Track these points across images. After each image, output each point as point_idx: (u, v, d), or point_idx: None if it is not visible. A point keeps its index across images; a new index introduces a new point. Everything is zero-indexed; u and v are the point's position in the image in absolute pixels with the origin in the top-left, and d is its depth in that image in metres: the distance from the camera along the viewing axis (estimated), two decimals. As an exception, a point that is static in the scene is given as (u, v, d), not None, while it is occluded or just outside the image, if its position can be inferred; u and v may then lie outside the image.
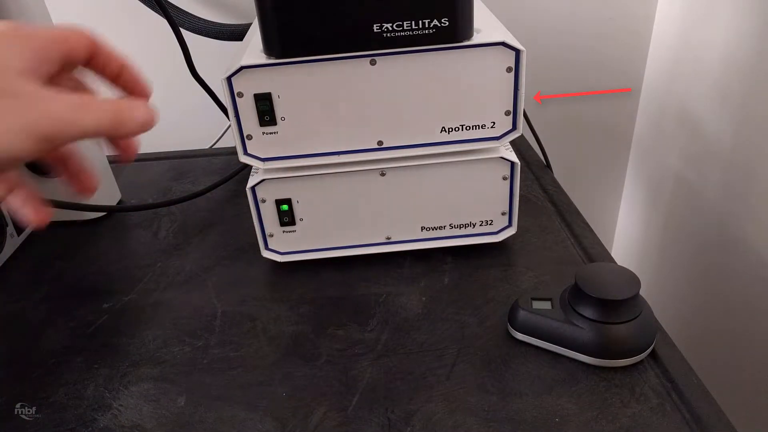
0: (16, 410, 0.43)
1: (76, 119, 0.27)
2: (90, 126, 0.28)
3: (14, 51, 0.27)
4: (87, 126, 0.28)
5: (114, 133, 0.30)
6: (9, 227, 0.60)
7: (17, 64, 0.27)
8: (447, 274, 0.54)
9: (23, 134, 0.26)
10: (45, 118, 0.26)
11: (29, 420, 0.42)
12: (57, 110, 0.27)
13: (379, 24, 0.44)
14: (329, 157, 0.50)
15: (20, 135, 0.25)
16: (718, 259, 0.79)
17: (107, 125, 0.29)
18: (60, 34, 0.30)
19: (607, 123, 0.98)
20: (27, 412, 0.43)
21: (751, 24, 0.68)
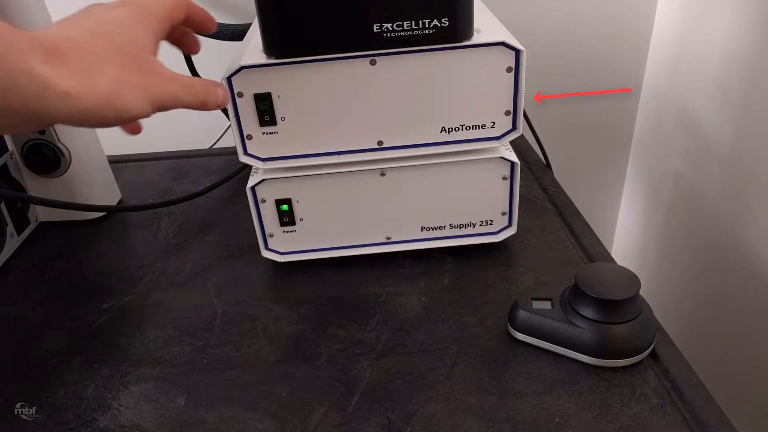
0: (16, 410, 0.43)
1: (183, 97, 0.37)
2: (189, 102, 0.37)
3: (147, 33, 0.35)
4: (188, 102, 0.37)
5: (201, 107, 0.39)
6: (9, 227, 0.60)
7: (150, 44, 0.35)
8: (447, 274, 0.54)
9: (149, 103, 0.34)
10: (166, 95, 0.35)
11: (29, 420, 0.42)
12: (174, 90, 0.36)
13: (379, 24, 0.44)
14: (329, 157, 0.50)
15: (151, 104, 0.34)
16: (717, 258, 0.79)
17: (199, 102, 0.38)
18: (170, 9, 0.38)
19: (607, 123, 0.98)
20: (27, 412, 0.43)
21: (750, 23, 0.68)
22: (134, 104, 0.33)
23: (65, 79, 0.29)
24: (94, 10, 0.35)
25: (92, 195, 0.66)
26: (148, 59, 0.35)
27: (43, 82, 0.28)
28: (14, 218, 0.61)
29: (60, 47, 0.30)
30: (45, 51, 0.29)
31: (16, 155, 0.62)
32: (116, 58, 0.32)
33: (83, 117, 0.30)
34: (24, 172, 0.63)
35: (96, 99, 0.30)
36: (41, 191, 0.64)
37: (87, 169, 0.65)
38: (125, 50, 0.33)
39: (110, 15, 0.34)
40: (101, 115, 0.31)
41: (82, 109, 0.30)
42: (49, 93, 0.28)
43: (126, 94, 0.32)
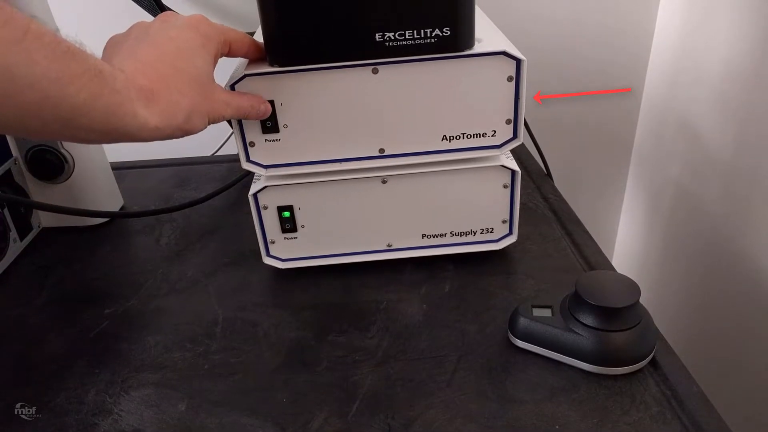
0: (16, 410, 0.43)
1: (234, 114, 0.44)
2: (235, 116, 0.45)
3: (206, 57, 0.41)
4: (237, 117, 0.45)
5: (246, 118, 0.46)
6: (12, 232, 0.61)
7: (210, 69, 0.42)
8: (448, 282, 0.54)
9: (210, 122, 0.42)
10: (221, 116, 0.42)
11: (29, 420, 0.42)
12: (229, 111, 0.43)
13: (381, 33, 0.44)
14: (331, 164, 0.51)
15: (209, 122, 0.41)
16: (718, 266, 0.79)
17: (244, 116, 0.45)
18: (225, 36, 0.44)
19: (608, 131, 0.98)
20: (27, 413, 0.43)
21: (750, 31, 0.69)
22: (198, 127, 0.40)
23: (156, 118, 0.36)
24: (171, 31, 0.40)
25: (95, 201, 0.66)
26: (212, 88, 0.41)
27: (143, 121, 0.36)
28: (17, 223, 0.62)
29: (156, 93, 0.36)
30: (146, 97, 0.36)
31: (20, 161, 0.63)
32: (191, 91, 0.39)
33: (160, 139, 0.38)
34: (27, 177, 0.64)
35: (175, 130, 0.38)
36: (44, 197, 0.64)
37: (90, 175, 0.65)
38: (197, 81, 0.40)
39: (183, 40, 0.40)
40: (173, 136, 0.39)
41: (163, 136, 0.38)
42: (145, 128, 0.36)
43: (194, 120, 0.39)
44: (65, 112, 0.32)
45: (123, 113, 0.34)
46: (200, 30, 0.41)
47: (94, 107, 0.33)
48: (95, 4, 0.85)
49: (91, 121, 0.33)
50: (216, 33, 0.42)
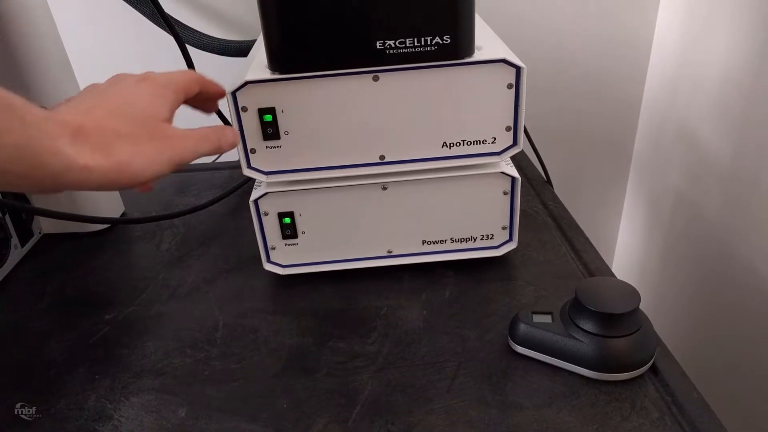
0: (16, 410, 0.43)
1: (198, 149, 0.40)
2: (205, 151, 0.41)
3: (164, 104, 0.39)
4: (203, 151, 0.40)
5: (216, 152, 0.42)
6: (13, 238, 0.61)
7: (166, 114, 0.39)
8: (448, 288, 0.54)
9: (168, 164, 0.37)
10: (181, 152, 0.38)
11: (29, 420, 0.42)
12: (188, 146, 0.39)
13: (382, 41, 0.45)
14: (332, 171, 0.51)
15: (167, 165, 0.37)
16: (718, 272, 0.79)
17: (214, 148, 0.41)
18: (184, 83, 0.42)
19: (608, 138, 0.99)
20: (27, 413, 0.43)
21: (748, 42, 0.69)
22: (146, 169, 0.36)
23: (86, 155, 0.32)
24: (119, 86, 0.39)
25: (96, 207, 0.66)
26: (162, 127, 0.38)
27: (68, 160, 0.32)
28: (18, 230, 0.62)
29: (84, 128, 0.33)
30: (71, 133, 0.32)
31: (21, 167, 0.63)
32: (133, 131, 0.36)
33: (101, 185, 0.34)
34: (29, 184, 0.64)
35: (111, 169, 0.34)
36: (45, 203, 0.64)
37: (91, 181, 0.65)
38: (141, 123, 0.37)
39: (132, 91, 0.38)
40: (117, 182, 0.35)
41: (99, 178, 0.33)
42: (72, 168, 0.32)
43: (138, 162, 0.35)
44: None
45: (42, 151, 0.30)
46: (151, 81, 0.40)
47: (4, 145, 0.29)
48: (98, 13, 0.86)
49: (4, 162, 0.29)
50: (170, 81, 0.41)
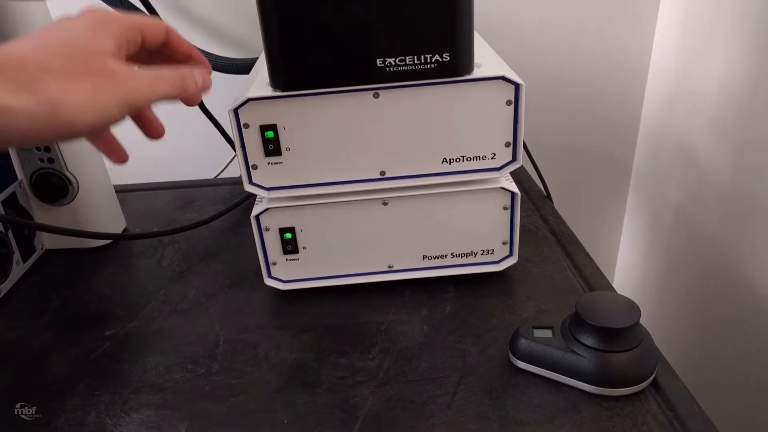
0: (16, 410, 0.43)
1: (154, 89, 0.34)
2: (164, 92, 0.35)
3: (106, 37, 0.33)
4: (162, 93, 0.35)
5: (182, 95, 0.37)
6: (15, 254, 0.61)
7: (109, 48, 0.33)
8: (448, 303, 0.54)
9: (116, 105, 0.32)
10: (132, 92, 0.33)
11: (29, 420, 0.42)
12: (140, 85, 0.33)
13: (382, 59, 0.45)
14: (333, 186, 0.51)
15: (114, 106, 0.32)
16: (718, 288, 0.79)
17: (176, 91, 0.36)
18: (140, 22, 0.36)
19: (607, 155, 0.99)
20: (27, 412, 0.43)
21: (745, 60, 0.70)
22: (86, 111, 0.30)
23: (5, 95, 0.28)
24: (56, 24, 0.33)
25: (98, 223, 0.67)
26: (104, 62, 0.32)
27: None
28: (21, 245, 0.62)
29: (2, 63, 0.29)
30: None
31: (24, 184, 0.63)
32: (64, 65, 0.30)
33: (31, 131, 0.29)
34: (32, 200, 0.64)
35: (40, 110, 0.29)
36: (48, 219, 0.65)
37: (94, 197, 0.66)
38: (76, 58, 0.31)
39: (68, 25, 0.33)
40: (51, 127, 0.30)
41: (27, 122, 0.29)
42: None
43: (73, 101, 0.30)
44: None
45: None
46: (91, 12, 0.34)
47: None
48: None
49: None
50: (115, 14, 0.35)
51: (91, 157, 0.65)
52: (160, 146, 0.97)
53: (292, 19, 0.44)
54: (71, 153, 0.62)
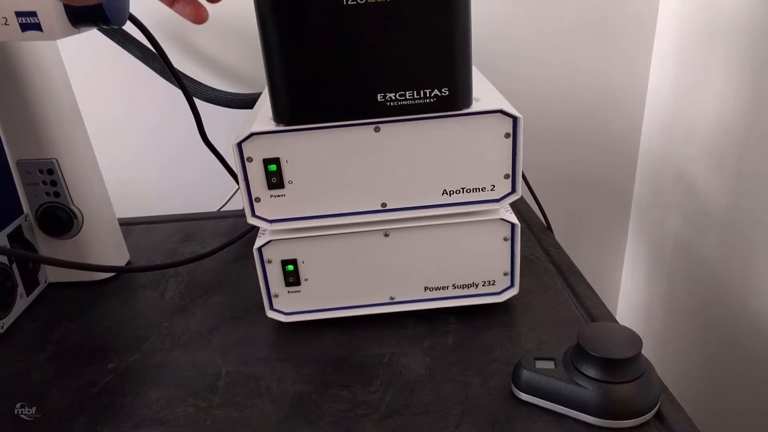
0: (16, 410, 0.42)
1: None
2: None
3: None
4: None
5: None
6: (19, 287, 0.61)
7: None
8: (450, 335, 0.54)
9: None
10: None
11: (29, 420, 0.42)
12: None
13: (383, 94, 0.47)
14: (334, 218, 0.52)
15: None
16: (721, 318, 0.79)
17: None
18: None
19: (607, 186, 1.00)
20: (27, 412, 0.42)
21: (740, 92, 0.71)
22: None
23: None
24: None
25: (102, 256, 0.67)
26: None
27: None
28: (24, 279, 0.62)
29: None
30: None
31: (30, 217, 0.64)
32: None
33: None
34: (37, 233, 0.65)
35: None
36: (53, 252, 0.65)
37: (98, 230, 0.66)
38: None
39: None
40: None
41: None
42: None
43: None
44: None
45: None
46: None
47: None
48: (109, 67, 0.89)
49: None
50: None
51: (97, 191, 0.66)
52: (164, 180, 0.98)
53: (294, 56, 0.45)
54: (77, 186, 0.63)
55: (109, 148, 0.89)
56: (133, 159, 0.95)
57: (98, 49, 0.84)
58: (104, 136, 0.81)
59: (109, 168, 0.72)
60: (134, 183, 0.97)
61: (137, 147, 0.95)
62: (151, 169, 0.96)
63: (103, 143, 0.76)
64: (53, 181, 0.63)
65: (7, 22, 0.48)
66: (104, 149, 0.73)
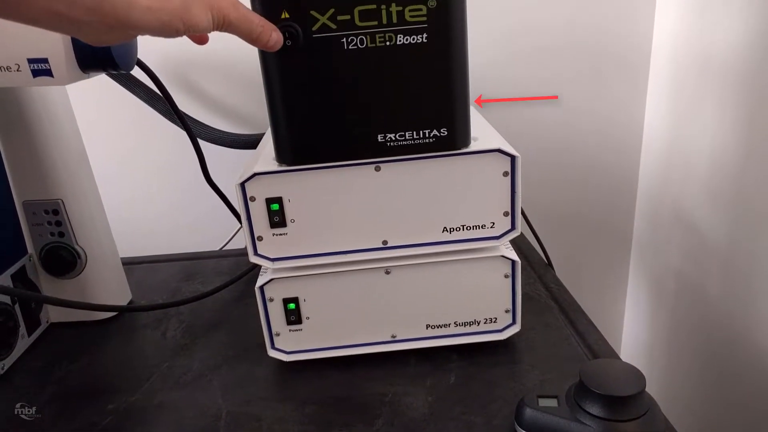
0: (16, 410, 0.42)
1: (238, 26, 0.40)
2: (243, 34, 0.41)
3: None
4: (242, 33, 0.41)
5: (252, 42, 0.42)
6: (21, 328, 0.61)
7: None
8: (453, 373, 0.54)
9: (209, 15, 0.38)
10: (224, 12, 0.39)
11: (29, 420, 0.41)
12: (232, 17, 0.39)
13: (383, 134, 0.48)
14: (336, 256, 0.52)
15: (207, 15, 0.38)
16: (724, 353, 0.78)
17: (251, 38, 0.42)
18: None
19: (607, 223, 1.01)
20: (27, 412, 0.42)
21: (733, 130, 0.72)
22: (201, 19, 0.38)
23: None
24: None
25: (104, 295, 0.67)
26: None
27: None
28: (26, 319, 0.62)
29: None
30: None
31: (34, 257, 0.65)
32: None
33: (159, 28, 0.36)
34: (40, 273, 0.65)
35: (171, 13, 0.36)
36: (55, 292, 0.65)
37: (101, 270, 0.67)
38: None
39: None
40: (175, 27, 0.36)
41: (159, 21, 0.35)
42: (135, 6, 0.34)
43: (194, 9, 0.37)
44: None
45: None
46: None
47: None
48: (116, 109, 0.91)
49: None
50: None
51: (101, 230, 0.67)
52: (167, 219, 0.99)
53: (297, 99, 0.47)
54: (81, 226, 0.64)
55: (114, 187, 0.91)
56: (137, 198, 0.96)
57: (105, 91, 0.86)
58: (109, 176, 0.83)
59: (112, 206, 0.73)
60: (137, 221, 0.97)
61: (141, 186, 0.96)
62: (155, 208, 0.97)
63: (108, 182, 0.77)
64: (58, 221, 0.63)
65: (20, 68, 0.49)
66: (109, 188, 0.74)
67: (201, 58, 0.88)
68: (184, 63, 0.89)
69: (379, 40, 0.45)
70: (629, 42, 0.90)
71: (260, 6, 0.44)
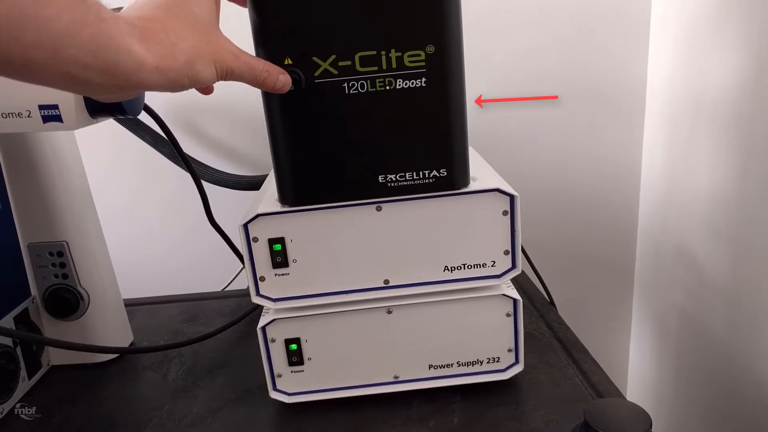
0: (16, 410, 0.41)
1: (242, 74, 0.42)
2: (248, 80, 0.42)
3: (209, 7, 0.40)
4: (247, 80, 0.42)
5: (259, 87, 0.44)
6: (22, 371, 0.61)
7: (214, 16, 0.41)
8: (456, 414, 0.53)
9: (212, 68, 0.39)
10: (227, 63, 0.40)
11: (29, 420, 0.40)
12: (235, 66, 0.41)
13: (384, 175, 0.49)
14: (338, 296, 0.53)
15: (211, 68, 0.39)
16: (730, 391, 0.77)
17: (257, 83, 0.43)
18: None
19: (609, 262, 1.01)
20: (27, 412, 0.41)
21: (730, 165, 0.73)
22: (205, 73, 0.39)
23: (154, 56, 0.35)
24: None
25: (106, 337, 0.67)
26: (215, 33, 0.40)
27: (141, 59, 0.35)
28: (27, 361, 0.62)
29: (148, 29, 0.36)
30: (139, 33, 0.35)
31: (37, 299, 0.65)
32: (191, 34, 0.38)
33: (167, 85, 0.37)
34: (43, 315, 0.65)
35: (177, 71, 0.37)
36: (57, 334, 0.65)
37: (103, 312, 0.67)
38: (197, 26, 0.39)
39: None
40: (181, 83, 0.38)
41: (167, 79, 0.37)
42: (144, 67, 0.35)
43: (198, 66, 0.38)
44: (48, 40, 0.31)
45: (115, 46, 0.33)
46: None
47: (80, 35, 0.32)
48: (126, 158, 0.93)
49: (79, 51, 0.32)
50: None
51: (104, 272, 0.67)
52: (169, 260, 0.99)
53: (299, 142, 0.48)
54: (85, 268, 0.65)
55: (118, 228, 0.91)
56: (140, 239, 0.97)
57: (111, 135, 0.88)
58: (113, 217, 0.84)
59: (116, 248, 0.73)
60: (140, 262, 0.98)
61: (145, 228, 0.97)
62: (157, 249, 0.98)
63: (112, 224, 0.78)
64: (62, 263, 0.64)
65: (30, 114, 0.50)
66: (113, 230, 0.74)
67: (206, 102, 0.90)
68: (190, 106, 0.91)
69: (379, 85, 0.46)
70: (624, 86, 0.92)
71: (264, 53, 0.46)
